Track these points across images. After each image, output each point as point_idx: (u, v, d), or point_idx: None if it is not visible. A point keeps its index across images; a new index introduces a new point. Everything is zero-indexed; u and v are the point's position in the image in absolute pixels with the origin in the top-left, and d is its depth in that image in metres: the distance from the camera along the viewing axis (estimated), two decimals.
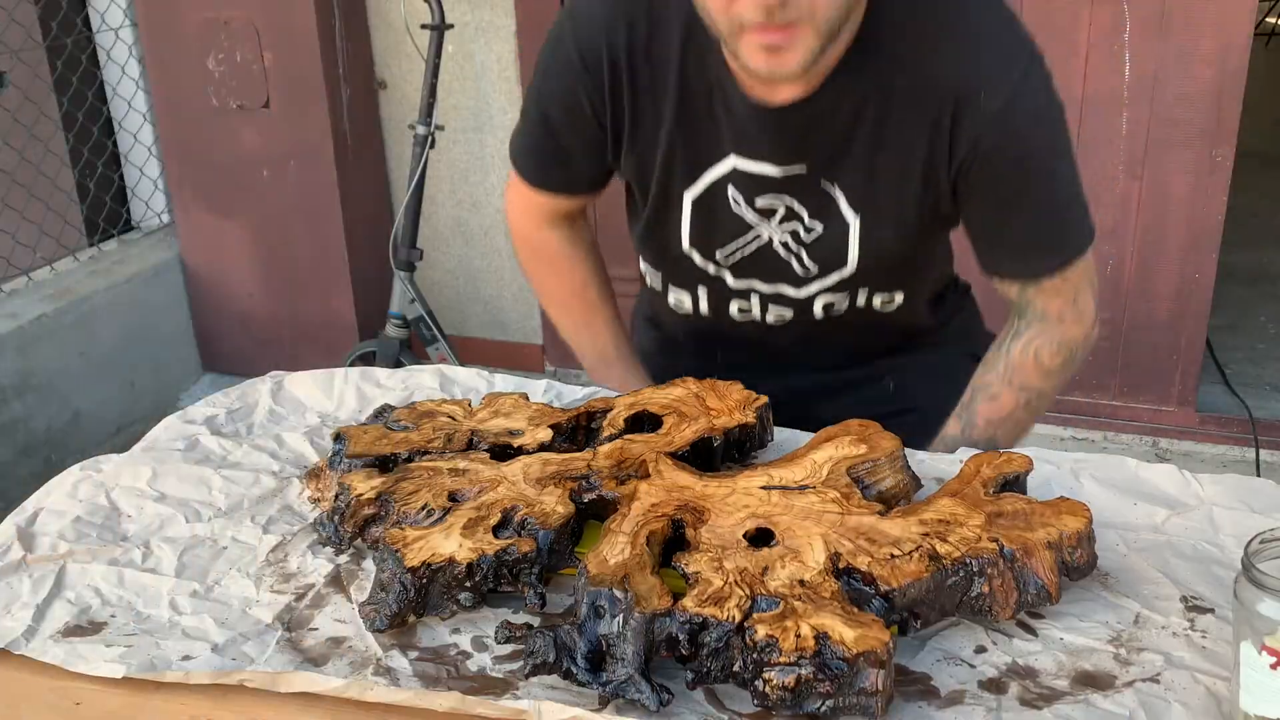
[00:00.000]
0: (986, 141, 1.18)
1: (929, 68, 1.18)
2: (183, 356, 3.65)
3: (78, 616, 0.98)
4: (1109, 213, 2.91)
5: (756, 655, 0.82)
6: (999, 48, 1.20)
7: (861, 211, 1.26)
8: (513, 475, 1.06)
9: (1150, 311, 2.96)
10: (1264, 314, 3.66)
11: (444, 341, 3.05)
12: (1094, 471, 1.14)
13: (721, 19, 1.09)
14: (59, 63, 3.42)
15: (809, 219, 1.28)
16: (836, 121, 1.21)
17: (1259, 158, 4.84)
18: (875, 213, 1.25)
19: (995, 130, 1.18)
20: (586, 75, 1.27)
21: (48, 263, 3.39)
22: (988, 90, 1.17)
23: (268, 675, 0.90)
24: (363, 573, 1.03)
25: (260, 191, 3.43)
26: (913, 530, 0.94)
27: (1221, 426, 3.02)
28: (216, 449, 1.25)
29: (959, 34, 1.19)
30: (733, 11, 1.07)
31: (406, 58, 3.40)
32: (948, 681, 0.88)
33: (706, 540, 0.94)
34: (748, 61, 1.12)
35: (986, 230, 1.28)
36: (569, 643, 0.85)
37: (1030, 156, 1.21)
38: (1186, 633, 0.92)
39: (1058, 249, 1.26)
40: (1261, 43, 6.55)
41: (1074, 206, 1.26)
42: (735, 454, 1.15)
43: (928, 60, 1.18)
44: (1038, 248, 1.26)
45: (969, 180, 1.21)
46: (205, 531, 1.10)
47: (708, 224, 1.31)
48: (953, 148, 1.19)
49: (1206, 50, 2.69)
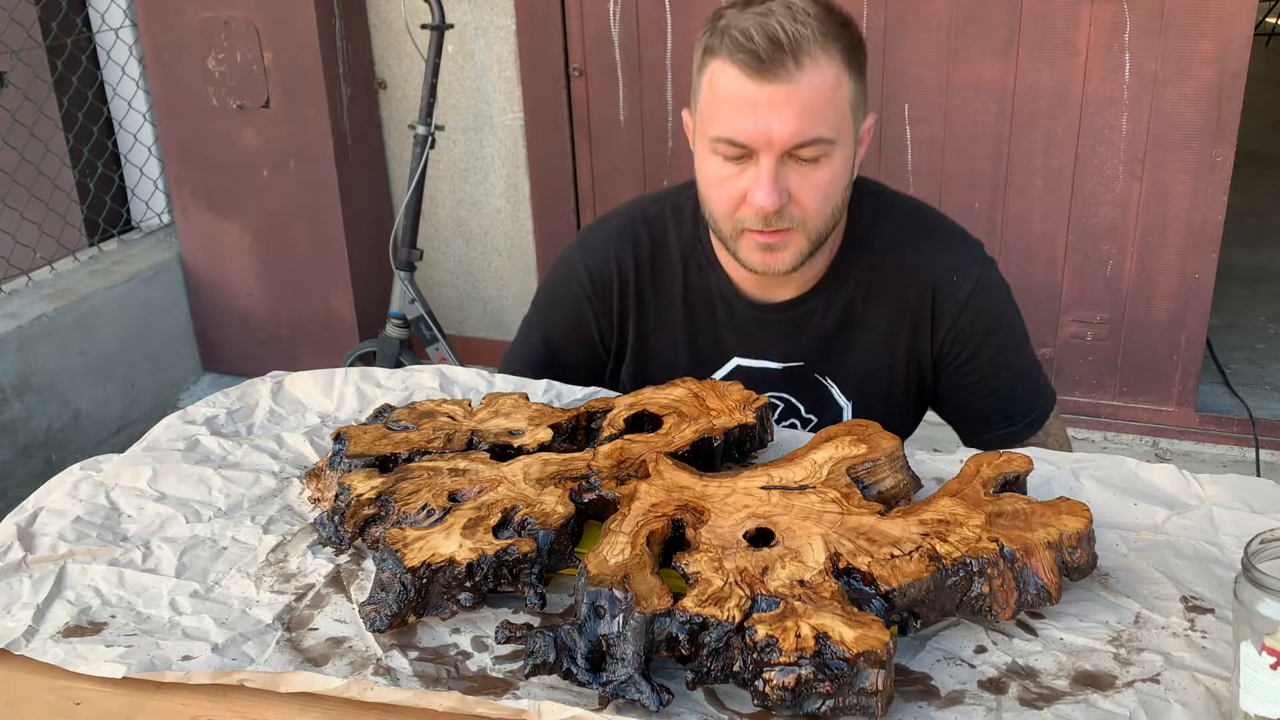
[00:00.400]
0: (964, 318, 1.38)
1: (906, 263, 1.38)
2: (183, 356, 3.65)
3: (78, 617, 0.98)
4: (1109, 213, 2.91)
5: (756, 655, 0.82)
6: (960, 242, 1.42)
7: (853, 399, 1.43)
8: (513, 475, 1.06)
9: (1150, 311, 2.96)
10: (1264, 314, 3.66)
11: (444, 341, 3.06)
12: (1094, 472, 1.14)
13: (726, 223, 1.28)
14: (59, 63, 3.42)
15: (805, 413, 1.44)
16: (828, 320, 1.40)
17: (1259, 158, 4.84)
18: (866, 397, 1.42)
19: (970, 307, 1.38)
20: (595, 298, 1.45)
21: (48, 263, 3.39)
22: (959, 275, 1.38)
23: (268, 675, 0.90)
24: (363, 573, 1.03)
25: (260, 191, 3.43)
26: (913, 530, 0.94)
27: (1221, 426, 3.02)
28: (216, 449, 1.25)
29: (926, 234, 1.41)
30: (736, 217, 1.27)
31: (406, 58, 3.40)
32: (948, 681, 0.88)
33: (706, 540, 0.94)
34: (746, 259, 1.30)
35: (972, 401, 1.43)
36: (569, 643, 0.85)
37: (1000, 327, 1.41)
38: (1186, 633, 0.92)
39: (1034, 405, 1.43)
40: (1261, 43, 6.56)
41: (1039, 370, 1.46)
42: (735, 454, 1.15)
43: (904, 257, 1.38)
44: (1019, 405, 1.42)
45: (951, 355, 1.40)
46: (205, 532, 1.10)
47: None
48: (934, 327, 1.38)
49: (1206, 51, 2.70)
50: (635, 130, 3.26)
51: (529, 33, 3.27)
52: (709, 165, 1.27)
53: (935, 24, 2.90)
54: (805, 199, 1.24)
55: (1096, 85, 2.81)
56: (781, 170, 1.22)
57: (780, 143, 1.20)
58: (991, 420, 1.42)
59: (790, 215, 1.24)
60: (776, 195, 1.21)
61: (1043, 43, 2.83)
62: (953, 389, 1.43)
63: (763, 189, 1.21)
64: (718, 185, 1.27)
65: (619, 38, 3.19)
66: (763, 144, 1.21)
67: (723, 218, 1.29)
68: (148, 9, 3.37)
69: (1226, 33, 2.67)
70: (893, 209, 1.42)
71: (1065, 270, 3.00)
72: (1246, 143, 2.96)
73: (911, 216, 1.42)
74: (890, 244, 1.39)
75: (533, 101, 3.33)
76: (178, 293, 3.61)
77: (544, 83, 3.30)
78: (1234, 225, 2.98)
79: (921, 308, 1.38)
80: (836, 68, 1.21)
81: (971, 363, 1.40)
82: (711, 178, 1.27)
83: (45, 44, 3.37)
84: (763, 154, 1.21)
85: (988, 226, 3.03)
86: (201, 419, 1.32)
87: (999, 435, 1.41)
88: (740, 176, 1.24)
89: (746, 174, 1.24)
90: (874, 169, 3.02)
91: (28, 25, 3.29)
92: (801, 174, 1.23)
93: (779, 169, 1.21)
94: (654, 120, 3.22)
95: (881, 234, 1.39)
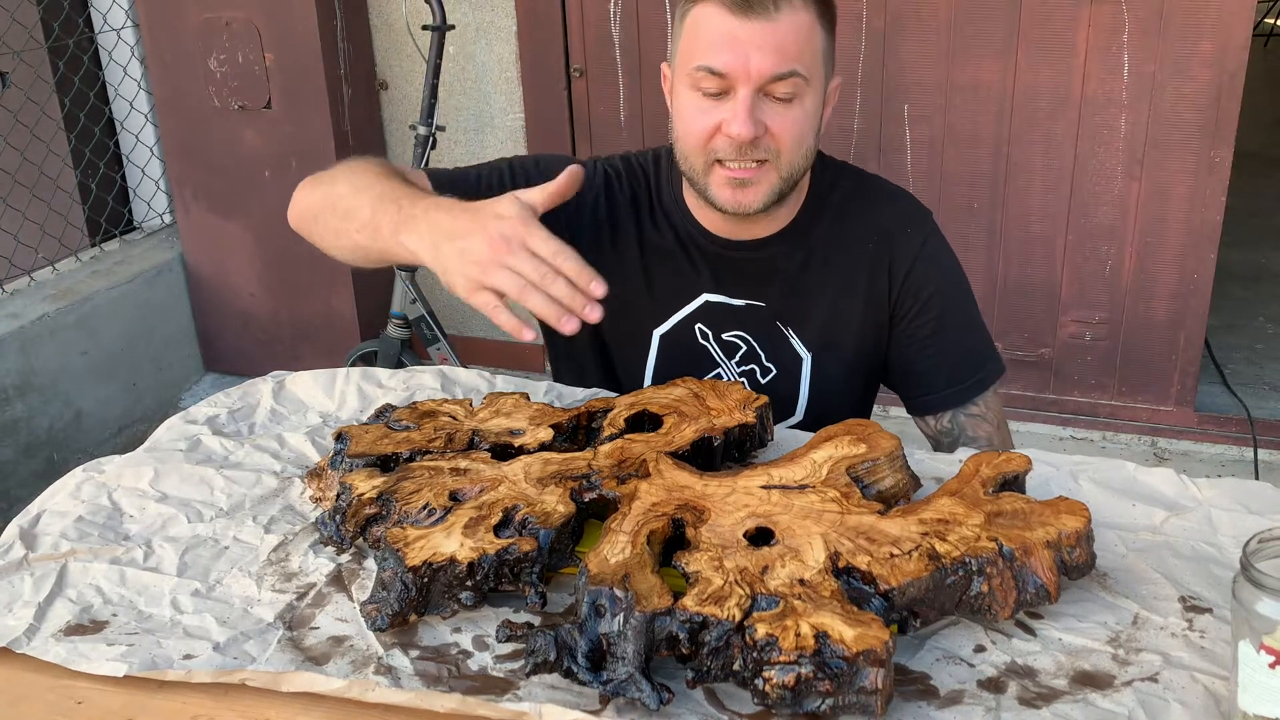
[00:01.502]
0: (917, 270, 1.43)
1: (865, 216, 1.44)
2: (184, 356, 3.65)
3: (79, 615, 0.98)
4: (1108, 213, 2.91)
5: (756, 654, 0.83)
6: (909, 202, 1.49)
7: (813, 350, 1.46)
8: (514, 475, 1.06)
9: (1149, 311, 2.96)
10: (1263, 314, 3.66)
11: (445, 341, 3.06)
12: (1092, 473, 1.14)
13: (698, 156, 1.30)
14: (61, 63, 3.43)
15: (765, 360, 1.46)
16: (790, 265, 1.43)
17: (1258, 158, 4.84)
18: (825, 350, 1.45)
19: (922, 260, 1.43)
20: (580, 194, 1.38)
21: (50, 263, 3.39)
22: (911, 228, 1.45)
23: (269, 674, 0.90)
24: (364, 572, 1.04)
25: (262, 192, 3.43)
26: (912, 529, 0.94)
27: (1220, 426, 3.02)
28: (218, 449, 1.26)
29: (882, 192, 1.48)
30: (709, 147, 1.29)
31: (408, 58, 3.41)
32: (947, 681, 0.88)
33: (707, 539, 0.95)
34: (716, 196, 1.32)
35: (920, 358, 1.46)
36: (570, 642, 0.85)
37: (949, 283, 1.46)
38: (1185, 632, 0.92)
39: (981, 367, 1.46)
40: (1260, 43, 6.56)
41: (986, 335, 1.50)
42: (735, 454, 1.15)
43: (863, 211, 1.44)
44: (966, 366, 1.46)
45: (904, 309, 1.44)
46: (207, 531, 1.10)
47: (673, 359, 1.47)
48: (891, 276, 1.43)
49: (1205, 51, 2.70)
50: (635, 130, 3.27)
51: (529, 33, 3.27)
52: (686, 98, 1.30)
53: (935, 25, 2.91)
54: (780, 133, 1.27)
55: (1095, 86, 2.82)
56: (758, 104, 1.26)
57: (758, 75, 1.24)
58: (937, 379, 1.45)
59: (766, 147, 1.28)
60: (752, 125, 1.25)
61: (1042, 43, 2.83)
62: (904, 344, 1.46)
63: (739, 119, 1.25)
64: (693, 117, 1.29)
65: (619, 38, 3.19)
66: (741, 75, 1.24)
67: (695, 149, 1.31)
68: (149, 10, 3.37)
69: (1225, 33, 2.67)
70: (848, 171, 1.49)
71: (1064, 270, 3.00)
72: (1245, 143, 2.97)
73: (865, 177, 1.49)
74: (850, 199, 1.45)
75: (533, 102, 3.34)
76: (179, 293, 3.62)
77: (544, 83, 3.31)
78: (1233, 225, 2.98)
79: (879, 257, 1.43)
80: (812, 16, 1.27)
81: (922, 315, 1.44)
82: (688, 109, 1.30)
83: (47, 44, 3.38)
84: (740, 85, 1.25)
85: (988, 226, 3.03)
86: (203, 419, 1.32)
87: (943, 396, 1.45)
88: (716, 110, 1.27)
89: (723, 108, 1.27)
90: (874, 169, 3.00)
91: (30, 26, 3.29)
92: (776, 110, 1.27)
93: (755, 103, 1.25)
94: (654, 120, 3.23)
95: (842, 190, 1.45)
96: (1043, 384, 3.11)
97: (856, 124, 3.04)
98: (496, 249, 1.08)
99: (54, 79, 3.41)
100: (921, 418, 1.49)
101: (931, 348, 1.45)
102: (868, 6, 2.93)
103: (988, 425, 1.45)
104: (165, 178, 3.69)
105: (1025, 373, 3.10)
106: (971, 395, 1.45)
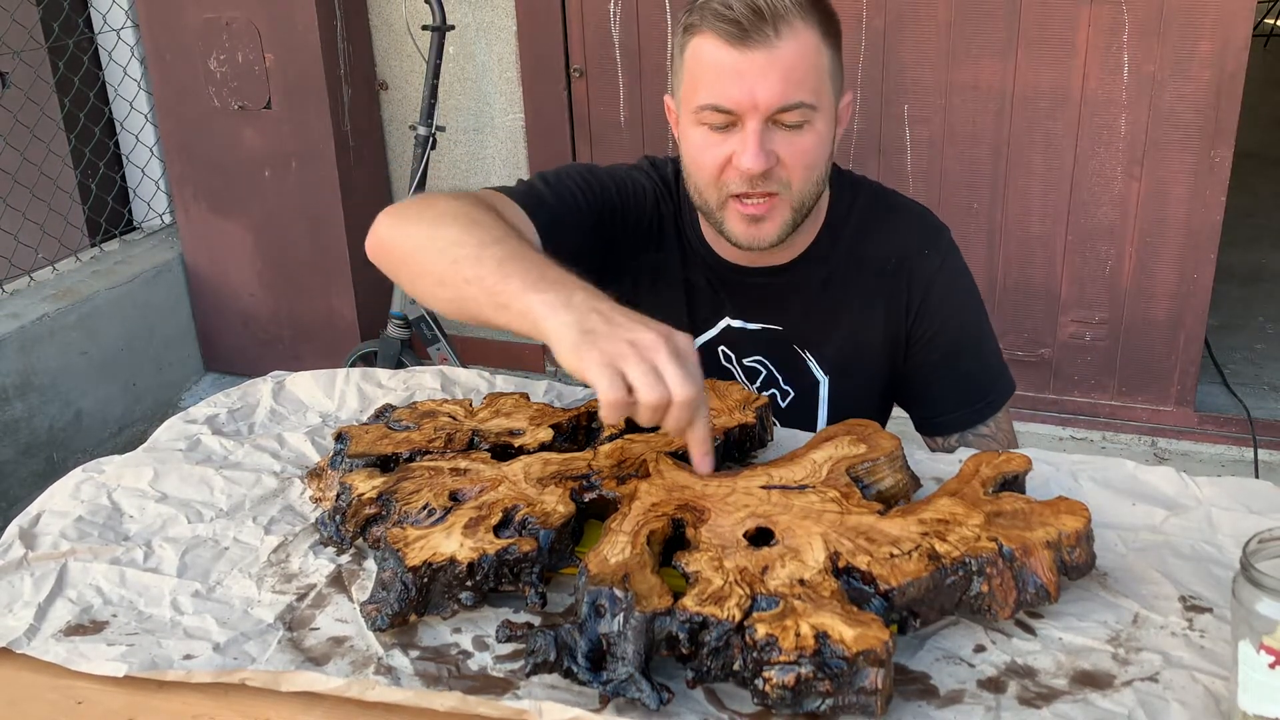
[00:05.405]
0: (934, 294, 1.42)
1: (884, 237, 1.42)
2: (184, 356, 3.65)
3: (79, 615, 0.98)
4: (1108, 213, 2.91)
5: (756, 654, 0.83)
6: (927, 221, 1.46)
7: (830, 373, 1.45)
8: (514, 475, 1.06)
9: (1149, 311, 2.96)
10: (1262, 314, 3.66)
11: (445, 342, 3.06)
12: (1092, 473, 1.14)
13: (711, 191, 1.29)
14: (61, 64, 3.43)
15: (784, 384, 1.46)
16: (807, 291, 1.42)
17: (1257, 158, 4.84)
18: (842, 372, 1.45)
19: (939, 283, 1.42)
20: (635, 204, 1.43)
21: (50, 263, 3.40)
22: (929, 249, 1.43)
23: (269, 674, 0.90)
24: (364, 572, 1.04)
25: (262, 192, 3.43)
26: (912, 529, 0.94)
27: (1220, 426, 3.02)
28: (218, 449, 1.26)
29: (899, 210, 1.46)
30: (721, 181, 1.27)
31: (407, 58, 3.41)
32: (947, 680, 0.88)
33: (707, 539, 0.95)
34: (731, 232, 1.31)
35: (932, 380, 1.45)
36: (570, 642, 0.85)
37: (966, 309, 1.45)
38: (1185, 632, 0.92)
39: (991, 389, 1.46)
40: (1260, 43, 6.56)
41: (997, 355, 1.49)
42: (735, 454, 1.15)
43: (881, 232, 1.43)
44: (977, 389, 1.45)
45: (919, 331, 1.43)
46: (207, 532, 1.10)
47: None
48: (909, 297, 1.42)
49: (1205, 51, 2.70)
50: (635, 131, 3.27)
51: (529, 34, 3.27)
52: (694, 136, 1.28)
53: (934, 25, 2.91)
54: (791, 163, 1.25)
55: (1095, 86, 2.82)
56: (767, 134, 1.23)
57: (765, 106, 1.22)
58: (947, 402, 1.45)
59: (777, 178, 1.26)
60: (763, 156, 1.23)
61: (1041, 43, 2.84)
62: (916, 366, 1.45)
63: (749, 151, 1.23)
64: (703, 151, 1.27)
65: (619, 38, 3.19)
66: (748, 108, 1.22)
67: (707, 185, 1.29)
68: (149, 10, 3.37)
69: (1225, 33, 2.67)
70: (864, 188, 1.46)
71: (1064, 270, 3.00)
72: (1245, 143, 2.97)
73: (881, 194, 1.46)
74: (867, 220, 1.43)
75: (533, 102, 3.34)
76: (179, 293, 3.62)
77: (544, 83, 3.31)
78: (1232, 225, 2.98)
79: (898, 278, 1.42)
80: (815, 37, 1.24)
81: (937, 339, 1.43)
82: (697, 145, 1.28)
83: (47, 45, 3.38)
84: (748, 118, 1.23)
85: (987, 226, 3.03)
86: (203, 419, 1.32)
87: (952, 418, 1.44)
88: (725, 143, 1.25)
89: (732, 140, 1.25)
90: (874, 169, 3.03)
91: (29, 26, 3.29)
92: (786, 139, 1.25)
93: (764, 133, 1.23)
94: (654, 121, 3.23)
95: (860, 211, 1.43)
96: (1042, 384, 3.11)
97: (856, 124, 3.04)
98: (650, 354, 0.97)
99: (54, 79, 3.41)
100: (930, 436, 1.48)
101: (943, 370, 1.44)
102: (868, 6, 2.93)
103: (996, 445, 1.44)
104: (165, 178, 3.69)
105: (1025, 373, 3.10)
106: (982, 417, 1.44)
